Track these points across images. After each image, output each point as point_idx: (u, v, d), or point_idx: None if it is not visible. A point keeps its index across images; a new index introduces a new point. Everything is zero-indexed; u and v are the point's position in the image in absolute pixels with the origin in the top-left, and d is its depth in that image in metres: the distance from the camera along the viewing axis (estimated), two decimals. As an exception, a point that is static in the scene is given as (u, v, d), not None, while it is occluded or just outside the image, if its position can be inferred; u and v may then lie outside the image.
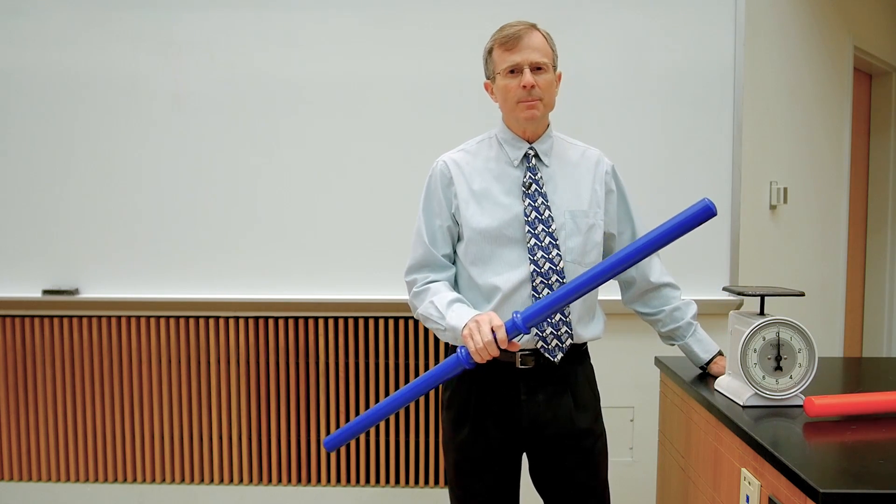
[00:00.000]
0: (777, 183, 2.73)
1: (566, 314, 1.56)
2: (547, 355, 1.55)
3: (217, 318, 2.59)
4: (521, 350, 1.55)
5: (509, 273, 1.55)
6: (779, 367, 1.53)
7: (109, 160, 2.53)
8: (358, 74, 2.49)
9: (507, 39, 1.52)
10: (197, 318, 2.59)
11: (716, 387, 1.67)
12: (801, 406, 1.51)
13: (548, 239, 1.55)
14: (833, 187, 3.17)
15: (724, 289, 1.77)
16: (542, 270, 1.54)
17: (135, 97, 2.52)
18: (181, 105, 2.52)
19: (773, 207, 2.73)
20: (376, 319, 2.58)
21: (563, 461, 1.61)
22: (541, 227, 1.55)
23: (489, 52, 1.58)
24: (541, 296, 1.53)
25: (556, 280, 1.54)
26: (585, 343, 1.66)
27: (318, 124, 2.51)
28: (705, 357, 1.76)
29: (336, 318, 2.58)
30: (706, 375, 1.78)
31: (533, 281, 1.54)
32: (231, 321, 2.59)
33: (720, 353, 1.77)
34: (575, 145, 1.68)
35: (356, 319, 2.58)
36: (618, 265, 1.40)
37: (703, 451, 1.66)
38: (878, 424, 1.41)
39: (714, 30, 2.48)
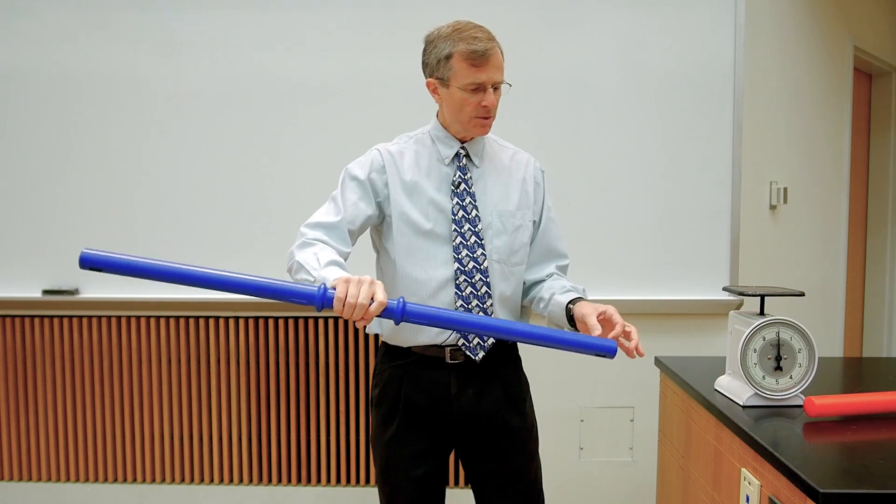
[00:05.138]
0: (777, 183, 2.73)
1: (488, 313, 1.57)
2: (468, 353, 1.56)
3: (217, 318, 2.59)
4: (448, 345, 1.56)
5: (435, 269, 1.56)
6: (779, 367, 1.53)
7: (109, 160, 2.53)
8: (359, 74, 2.49)
9: (476, 57, 1.49)
10: (197, 318, 2.59)
11: (716, 387, 1.67)
12: (801, 406, 1.51)
13: (473, 238, 1.56)
14: (833, 187, 3.17)
15: (724, 289, 1.77)
16: (466, 269, 1.55)
17: (135, 97, 2.52)
18: (181, 105, 2.52)
19: (773, 207, 2.73)
20: (376, 319, 2.57)
21: (493, 451, 1.61)
22: (467, 225, 1.56)
23: (447, 57, 1.52)
24: (464, 293, 1.55)
25: (480, 279, 1.56)
26: (515, 343, 1.66)
27: (320, 124, 2.51)
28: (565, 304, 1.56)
29: (336, 318, 2.58)
30: (706, 376, 1.77)
31: (457, 279, 1.55)
32: (231, 321, 2.59)
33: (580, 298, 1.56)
34: (506, 148, 1.69)
35: (356, 319, 2.57)
36: (523, 335, 1.38)
37: (703, 451, 1.66)
38: (878, 424, 1.41)
39: (714, 30, 2.48)
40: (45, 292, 2.55)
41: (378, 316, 1.32)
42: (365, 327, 1.39)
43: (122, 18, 2.50)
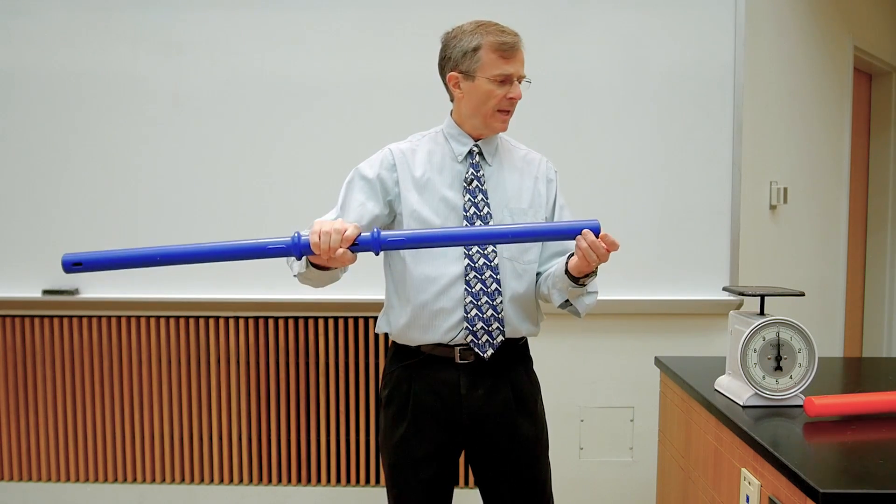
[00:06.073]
0: (777, 183, 2.73)
1: (498, 310, 1.56)
2: (476, 350, 1.56)
3: (217, 318, 2.59)
4: (458, 345, 1.56)
5: (445, 266, 1.56)
6: (779, 367, 1.53)
7: (109, 160, 2.53)
8: (360, 74, 2.49)
9: (507, 48, 1.52)
10: (197, 318, 2.59)
11: (716, 387, 1.67)
12: (801, 406, 1.51)
13: None
14: (833, 187, 3.17)
15: (724, 289, 1.77)
16: (477, 266, 1.55)
17: (135, 97, 2.52)
18: (181, 105, 2.52)
19: (773, 207, 2.73)
20: (376, 319, 2.57)
21: (503, 453, 1.61)
22: (478, 222, 1.57)
23: (475, 49, 1.53)
24: (473, 290, 1.55)
25: (490, 276, 1.56)
26: (524, 339, 1.67)
27: (319, 124, 2.51)
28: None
29: (336, 318, 2.58)
30: (706, 376, 1.77)
31: (466, 275, 1.55)
32: (231, 321, 2.59)
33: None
34: (518, 148, 1.70)
35: (356, 319, 2.58)
36: (506, 235, 1.42)
37: (703, 451, 1.66)
38: (878, 424, 1.41)
39: (714, 30, 2.48)
40: (45, 292, 2.55)
41: (355, 247, 1.33)
42: (375, 327, 1.38)
43: (122, 18, 2.50)
